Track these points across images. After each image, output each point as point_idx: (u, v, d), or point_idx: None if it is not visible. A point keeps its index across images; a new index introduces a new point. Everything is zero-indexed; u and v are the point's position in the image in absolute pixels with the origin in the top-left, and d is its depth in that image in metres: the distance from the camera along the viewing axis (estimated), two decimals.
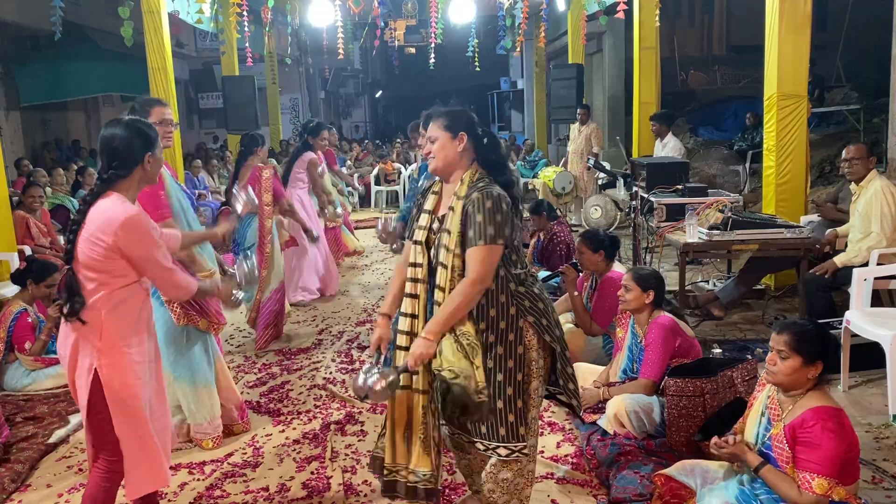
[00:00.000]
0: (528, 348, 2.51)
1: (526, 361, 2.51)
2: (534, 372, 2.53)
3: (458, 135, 2.53)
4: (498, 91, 24.10)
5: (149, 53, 7.92)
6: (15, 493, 3.34)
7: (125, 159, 2.51)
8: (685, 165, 6.16)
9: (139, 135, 2.55)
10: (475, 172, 2.54)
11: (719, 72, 15.21)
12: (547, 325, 2.53)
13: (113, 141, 2.51)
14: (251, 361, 5.09)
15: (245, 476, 3.42)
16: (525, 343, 2.50)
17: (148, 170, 2.57)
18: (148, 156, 2.55)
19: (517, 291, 2.50)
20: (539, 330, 2.51)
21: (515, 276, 2.52)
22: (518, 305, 2.49)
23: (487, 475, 2.58)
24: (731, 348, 4.70)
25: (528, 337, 2.51)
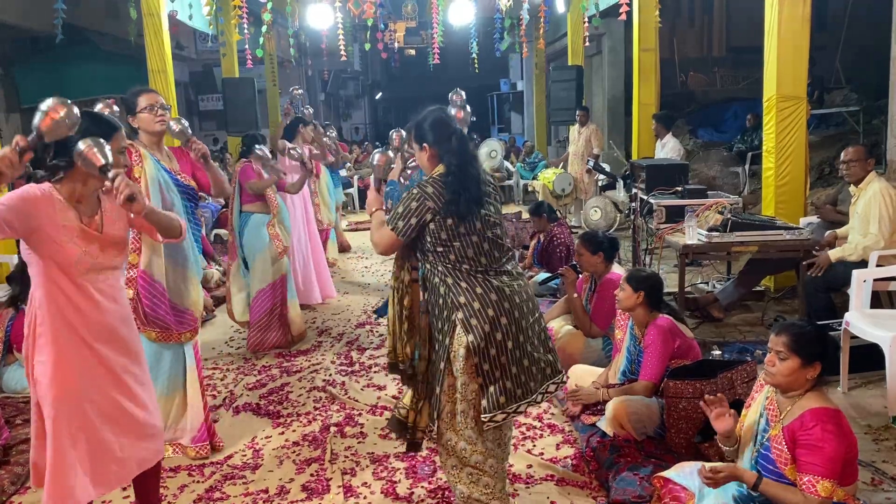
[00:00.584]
0: (455, 343, 2.62)
1: (448, 355, 2.63)
2: (458, 368, 2.61)
3: (422, 146, 2.77)
4: (498, 93, 24.12)
5: (149, 55, 7.93)
6: (14, 495, 3.35)
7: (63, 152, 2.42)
8: (684, 167, 6.18)
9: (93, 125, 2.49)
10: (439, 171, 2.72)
11: (719, 73, 15.21)
12: (476, 324, 2.58)
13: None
14: (251, 363, 5.10)
15: (244, 478, 3.42)
16: (453, 337, 2.62)
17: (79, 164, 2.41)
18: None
19: (456, 285, 2.62)
20: (466, 327, 2.59)
21: (456, 270, 2.64)
22: (453, 299, 2.61)
23: (443, 468, 2.78)
24: (731, 350, 4.70)
25: (457, 332, 2.61)
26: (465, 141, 2.76)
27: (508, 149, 15.73)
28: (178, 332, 3.53)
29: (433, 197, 2.60)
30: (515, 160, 14.51)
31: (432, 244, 2.64)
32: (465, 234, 2.62)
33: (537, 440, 3.66)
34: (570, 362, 4.27)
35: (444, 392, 2.66)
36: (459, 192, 2.60)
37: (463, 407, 2.64)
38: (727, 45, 15.37)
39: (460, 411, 2.65)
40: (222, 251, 8.49)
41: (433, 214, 2.60)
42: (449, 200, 2.60)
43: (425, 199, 2.61)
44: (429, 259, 2.68)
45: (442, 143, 2.71)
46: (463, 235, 2.62)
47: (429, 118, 2.76)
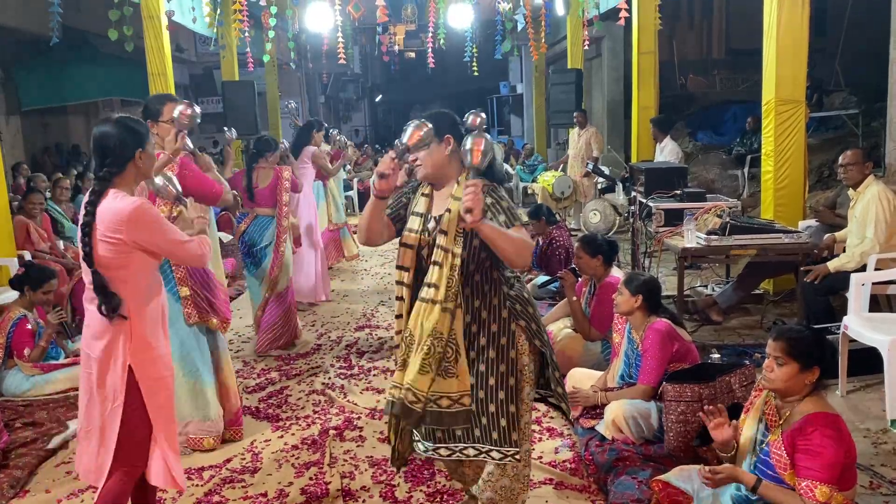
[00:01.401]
0: (519, 353, 2.52)
1: (518, 366, 2.51)
2: (525, 377, 2.54)
3: (444, 138, 2.50)
4: (497, 95, 24.16)
5: (149, 58, 7.93)
6: (14, 498, 3.34)
7: (117, 156, 2.54)
8: (684, 170, 6.18)
9: (129, 132, 2.57)
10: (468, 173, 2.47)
11: (718, 76, 15.20)
12: (537, 329, 2.55)
13: (104, 139, 2.55)
14: (250, 367, 5.10)
15: (244, 482, 3.42)
16: (517, 347, 2.51)
17: (141, 166, 2.61)
18: (139, 152, 2.58)
19: (509, 294, 2.52)
20: (530, 334, 2.53)
21: (507, 279, 2.54)
22: (510, 308, 2.50)
23: (486, 484, 2.57)
24: (730, 353, 4.70)
25: (519, 341, 2.52)
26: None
27: (507, 151, 15.74)
28: (228, 320, 3.79)
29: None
30: (515, 163, 14.52)
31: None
32: None
33: (536, 443, 3.66)
34: (569, 365, 4.27)
35: (521, 406, 2.52)
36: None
37: (527, 418, 2.57)
38: (726, 48, 15.38)
39: (525, 423, 2.55)
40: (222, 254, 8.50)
41: None
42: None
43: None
44: (485, 267, 2.49)
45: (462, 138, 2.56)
46: None
47: (448, 114, 2.59)
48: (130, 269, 2.53)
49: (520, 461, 2.55)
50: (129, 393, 2.54)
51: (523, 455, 2.56)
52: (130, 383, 2.54)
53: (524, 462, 2.59)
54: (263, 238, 5.33)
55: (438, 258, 2.44)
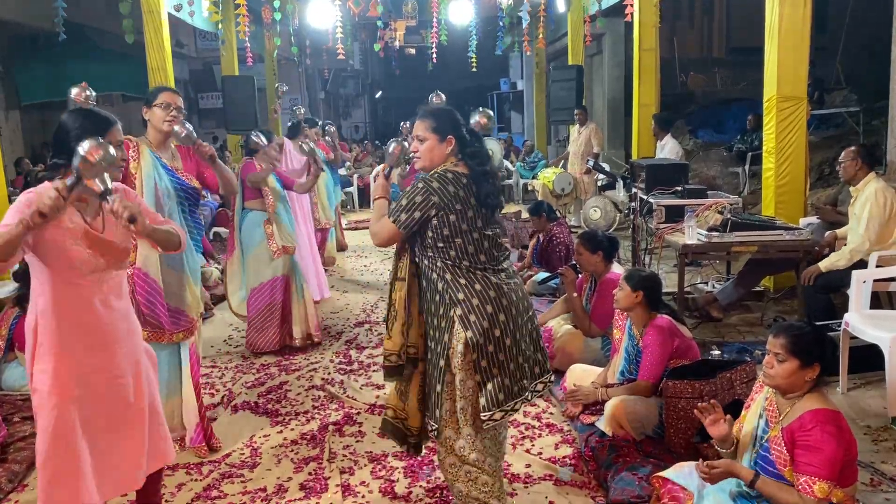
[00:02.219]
0: (454, 339, 2.60)
1: (449, 352, 2.61)
2: (456, 364, 2.60)
3: (447, 138, 2.69)
4: (498, 92, 24.11)
5: (148, 53, 7.92)
6: (12, 492, 3.34)
7: (60, 149, 2.41)
8: (684, 167, 6.17)
9: (79, 123, 2.45)
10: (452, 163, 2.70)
11: (719, 74, 15.20)
12: (475, 320, 2.58)
13: (59, 129, 2.46)
14: (249, 362, 5.09)
15: (243, 477, 3.41)
16: (452, 333, 2.60)
17: None
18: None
19: (455, 281, 2.62)
20: (464, 324, 2.58)
21: (456, 267, 2.62)
22: (451, 295, 2.61)
23: (441, 466, 2.77)
24: (730, 350, 4.70)
25: (453, 328, 2.60)
26: (482, 140, 2.78)
27: (507, 148, 15.72)
28: (170, 332, 3.51)
29: (438, 192, 2.59)
30: (515, 159, 14.50)
31: (433, 239, 2.63)
32: (466, 230, 2.61)
33: (536, 440, 3.66)
34: (569, 362, 4.27)
35: (445, 389, 2.64)
36: (490, 190, 2.64)
37: (462, 404, 2.64)
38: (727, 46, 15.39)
39: (459, 408, 2.64)
40: (221, 249, 8.48)
41: (437, 210, 2.59)
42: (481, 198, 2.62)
43: (430, 193, 2.59)
44: (427, 254, 2.66)
45: (462, 139, 2.70)
46: (464, 232, 2.61)
47: (453, 111, 2.76)
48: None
49: (442, 445, 2.70)
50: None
51: (444, 441, 2.69)
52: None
53: (446, 449, 2.70)
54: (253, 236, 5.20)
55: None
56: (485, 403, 2.59)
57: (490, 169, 2.70)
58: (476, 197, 2.62)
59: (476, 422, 2.64)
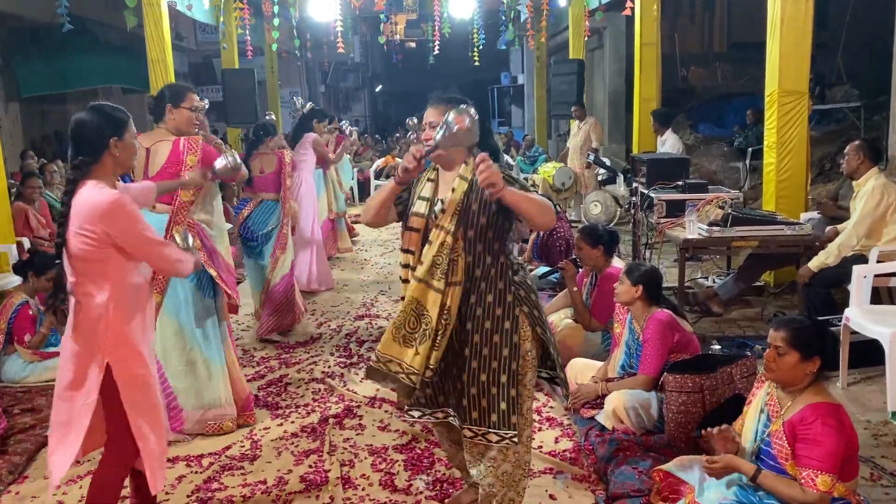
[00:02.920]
0: (522, 338, 2.52)
1: (521, 352, 2.51)
2: (528, 363, 2.54)
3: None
4: (498, 86, 24.10)
5: (148, 46, 7.90)
6: (12, 484, 3.34)
7: (91, 145, 2.45)
8: (685, 162, 6.16)
9: (104, 119, 2.48)
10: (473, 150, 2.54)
11: (720, 68, 15.16)
12: (539, 316, 2.55)
13: (79, 127, 2.46)
14: (250, 354, 5.09)
15: (243, 469, 3.41)
16: (520, 332, 2.51)
17: (117, 155, 2.49)
18: (113, 140, 2.47)
19: (513, 279, 2.52)
20: (533, 321, 2.52)
21: (512, 264, 2.54)
22: (515, 294, 2.51)
23: (487, 470, 2.56)
24: (731, 345, 4.70)
25: (523, 327, 2.52)
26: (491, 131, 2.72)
27: (508, 142, 15.70)
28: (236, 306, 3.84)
29: None
30: (515, 154, 14.48)
31: (508, 232, 2.54)
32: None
33: (536, 433, 3.65)
34: (570, 356, 4.26)
35: (521, 392, 2.52)
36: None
37: (529, 404, 2.57)
38: (728, 41, 15.35)
39: (526, 409, 2.56)
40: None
41: None
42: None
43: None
44: (493, 250, 2.50)
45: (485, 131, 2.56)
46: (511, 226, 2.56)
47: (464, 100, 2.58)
48: (110, 264, 2.44)
49: (519, 445, 2.54)
50: (105, 389, 2.46)
51: (524, 441, 2.56)
52: (107, 380, 2.46)
53: (525, 448, 2.59)
54: (268, 223, 5.35)
55: (431, 237, 2.48)
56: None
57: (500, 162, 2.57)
58: None
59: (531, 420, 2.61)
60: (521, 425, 2.53)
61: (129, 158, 2.58)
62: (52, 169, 8.14)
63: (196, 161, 3.57)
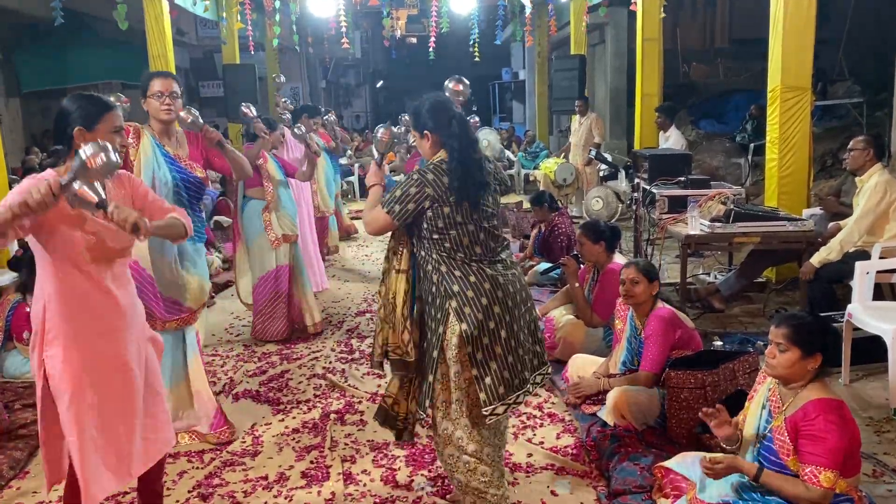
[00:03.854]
0: (449, 331, 2.57)
1: (442, 343, 2.59)
2: (451, 356, 2.57)
3: (423, 133, 2.71)
4: (499, 82, 24.03)
5: (149, 41, 7.90)
6: (13, 479, 3.34)
7: (62, 133, 2.42)
8: (687, 157, 6.15)
9: (76, 109, 2.43)
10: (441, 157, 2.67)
11: (722, 64, 15.12)
12: (470, 312, 2.54)
13: (56, 115, 2.45)
14: (251, 350, 5.08)
15: (244, 465, 3.41)
16: (447, 325, 2.58)
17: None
18: (78, 130, 2.40)
19: (450, 273, 2.59)
20: (459, 316, 2.55)
21: (450, 258, 2.60)
22: (446, 287, 2.58)
23: (440, 456, 2.75)
24: (733, 341, 4.69)
25: (450, 320, 2.57)
26: (466, 124, 2.69)
27: (509, 138, 15.67)
28: (162, 320, 3.47)
29: (433, 184, 2.56)
30: (517, 149, 14.46)
31: (428, 231, 2.60)
32: (461, 223, 2.58)
33: (537, 429, 3.65)
34: (571, 352, 4.27)
35: (438, 380, 2.62)
36: (465, 177, 2.56)
37: (457, 396, 2.61)
38: (730, 37, 15.29)
39: (455, 400, 2.62)
40: (222, 238, 8.47)
41: (431, 202, 2.56)
42: (455, 186, 2.55)
43: (425, 185, 2.57)
44: (424, 246, 2.64)
45: (442, 129, 2.65)
46: (459, 224, 2.58)
47: (426, 104, 2.71)
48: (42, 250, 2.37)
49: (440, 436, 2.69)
50: (44, 391, 2.38)
51: (441, 432, 2.68)
52: (45, 379, 2.38)
53: (444, 439, 2.68)
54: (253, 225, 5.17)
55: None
56: (485, 398, 2.55)
57: (471, 156, 2.62)
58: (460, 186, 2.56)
59: (473, 414, 2.62)
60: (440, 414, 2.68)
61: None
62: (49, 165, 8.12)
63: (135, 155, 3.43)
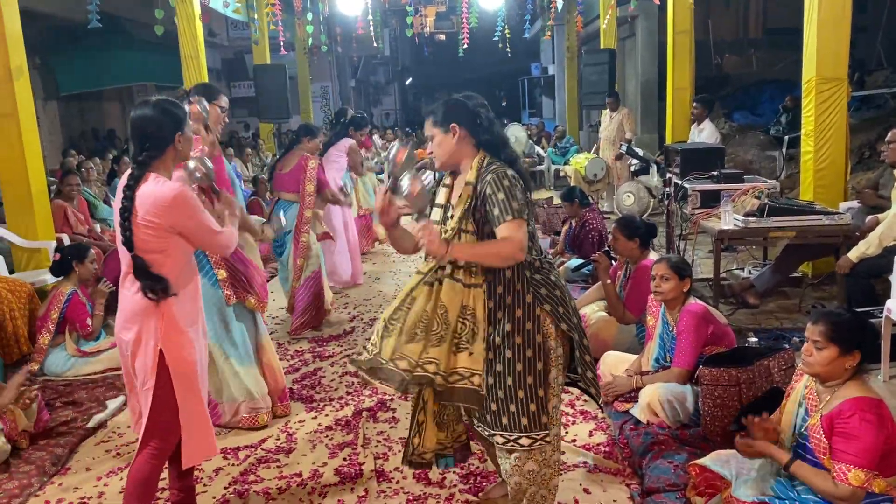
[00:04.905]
0: (546, 337, 2.48)
1: (545, 350, 2.48)
2: (553, 361, 2.50)
3: (450, 127, 2.51)
4: (529, 77, 23.95)
5: (181, 43, 8.01)
6: (55, 475, 3.42)
7: (157, 140, 2.54)
8: (720, 151, 6.05)
9: (168, 115, 2.57)
10: (483, 157, 2.50)
11: (755, 55, 14.89)
12: (564, 313, 2.49)
13: (144, 123, 2.54)
14: (284, 348, 5.14)
15: (279, 462, 3.45)
16: (543, 332, 2.47)
17: (180, 149, 2.62)
18: (178, 135, 2.58)
19: (533, 279, 2.47)
20: (556, 318, 2.48)
21: (530, 264, 2.48)
22: (535, 293, 2.46)
23: (513, 468, 2.53)
24: (768, 337, 4.62)
25: (545, 325, 2.48)
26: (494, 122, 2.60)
27: (538, 133, 15.61)
28: (261, 301, 3.85)
29: (521, 184, 2.45)
30: (546, 145, 14.40)
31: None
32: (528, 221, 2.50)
33: (570, 427, 3.64)
34: (603, 349, 4.24)
35: (549, 390, 2.49)
36: (521, 171, 2.48)
37: (555, 403, 2.53)
38: (763, 27, 15.06)
39: (552, 408, 2.53)
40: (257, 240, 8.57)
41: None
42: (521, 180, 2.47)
43: (517, 181, 2.41)
44: None
45: (481, 129, 2.51)
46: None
47: (452, 102, 2.55)
48: (168, 254, 2.54)
49: (549, 443, 2.52)
50: (159, 375, 2.54)
51: (552, 439, 2.53)
52: (161, 366, 2.54)
53: (552, 447, 2.55)
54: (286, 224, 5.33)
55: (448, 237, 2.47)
56: (595, 393, 2.60)
57: (510, 155, 2.54)
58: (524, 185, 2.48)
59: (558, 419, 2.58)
60: (549, 424, 2.50)
61: (188, 151, 2.71)
62: (89, 166, 8.30)
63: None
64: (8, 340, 4.81)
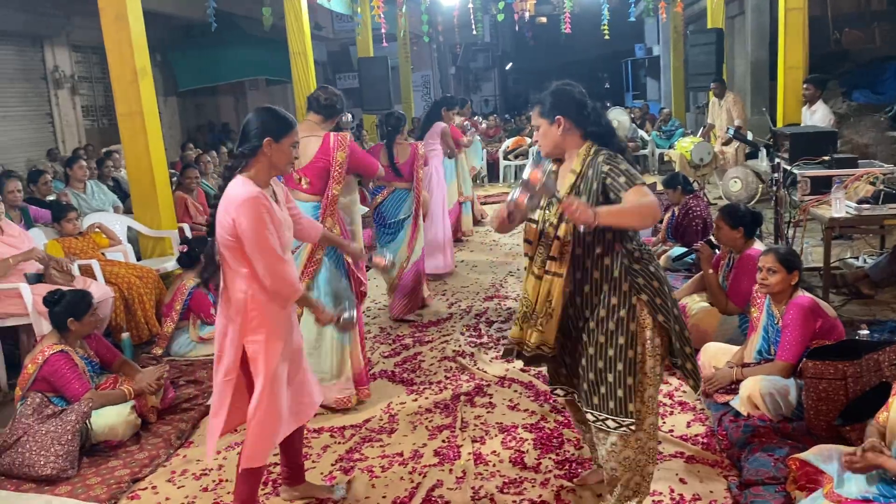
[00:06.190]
0: (641, 327, 2.49)
1: (639, 340, 2.49)
2: (648, 351, 2.51)
3: (555, 119, 2.56)
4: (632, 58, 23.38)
5: (290, 38, 8.32)
6: (180, 447, 3.73)
7: (249, 141, 2.63)
8: (832, 135, 5.77)
9: (266, 120, 2.64)
10: (590, 147, 2.55)
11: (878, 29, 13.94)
12: (661, 304, 2.50)
13: (246, 122, 2.68)
14: (386, 332, 5.33)
15: (381, 441, 3.62)
16: (638, 321, 2.49)
17: (269, 156, 2.61)
18: (268, 140, 2.59)
19: (631, 268, 2.50)
20: (653, 309, 2.49)
21: (630, 253, 2.51)
22: (631, 282, 2.49)
23: (609, 454, 2.58)
24: (882, 330, 4.41)
25: (641, 315, 2.49)
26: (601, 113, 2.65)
27: (642, 116, 15.24)
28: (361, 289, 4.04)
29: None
30: (650, 128, 14.05)
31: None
32: None
33: (667, 417, 3.63)
34: (704, 339, 4.17)
35: (639, 378, 2.51)
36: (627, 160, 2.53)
37: (651, 392, 2.55)
38: None
39: (648, 397, 2.54)
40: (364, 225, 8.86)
41: None
42: None
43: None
44: (606, 238, 2.50)
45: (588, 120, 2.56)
46: None
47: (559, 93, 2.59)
48: (241, 253, 2.58)
49: (641, 432, 2.54)
50: (244, 369, 2.66)
51: (647, 427, 2.56)
52: (244, 362, 2.65)
53: (648, 435, 2.57)
54: (400, 211, 5.58)
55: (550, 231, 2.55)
56: (693, 384, 2.62)
57: (617, 145, 2.58)
58: None
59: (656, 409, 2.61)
60: (644, 413, 2.53)
61: (282, 162, 2.68)
62: (207, 159, 8.78)
63: (345, 157, 3.85)
64: (138, 323, 5.22)
